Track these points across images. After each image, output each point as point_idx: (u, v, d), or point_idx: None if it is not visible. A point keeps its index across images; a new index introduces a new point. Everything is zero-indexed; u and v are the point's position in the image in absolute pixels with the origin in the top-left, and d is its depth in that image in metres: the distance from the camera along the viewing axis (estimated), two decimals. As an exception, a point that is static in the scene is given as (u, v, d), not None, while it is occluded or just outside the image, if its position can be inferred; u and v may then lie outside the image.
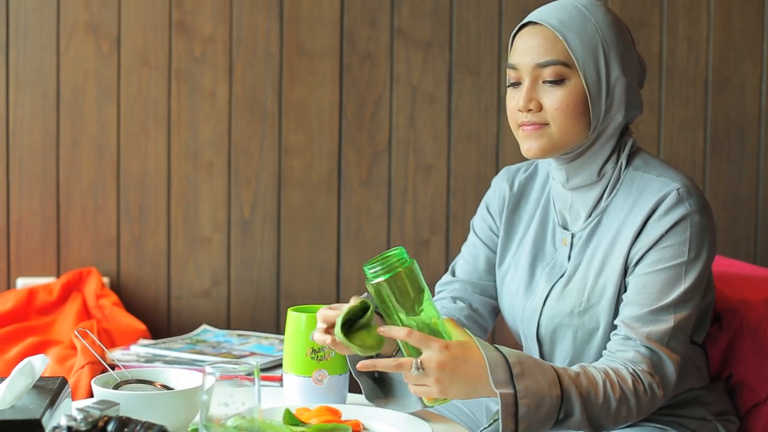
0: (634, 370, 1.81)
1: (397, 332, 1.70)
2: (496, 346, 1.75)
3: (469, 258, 2.12)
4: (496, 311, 2.13)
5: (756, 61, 2.86)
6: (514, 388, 1.71)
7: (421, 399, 1.79)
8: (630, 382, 1.79)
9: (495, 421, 1.78)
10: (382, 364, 1.72)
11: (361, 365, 1.74)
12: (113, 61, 2.79)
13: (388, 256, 1.69)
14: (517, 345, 2.27)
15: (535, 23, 1.89)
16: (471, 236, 2.15)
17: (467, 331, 1.76)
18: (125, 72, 2.79)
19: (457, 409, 2.20)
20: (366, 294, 1.80)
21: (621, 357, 1.83)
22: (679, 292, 1.84)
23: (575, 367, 1.80)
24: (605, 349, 1.90)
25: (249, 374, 1.55)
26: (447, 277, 2.14)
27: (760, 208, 2.88)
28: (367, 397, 1.88)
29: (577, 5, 1.89)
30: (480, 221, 2.13)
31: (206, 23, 2.80)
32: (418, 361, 1.69)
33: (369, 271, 1.69)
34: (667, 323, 1.84)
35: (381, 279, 1.68)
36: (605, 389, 1.77)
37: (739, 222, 2.88)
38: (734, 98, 2.86)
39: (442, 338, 1.72)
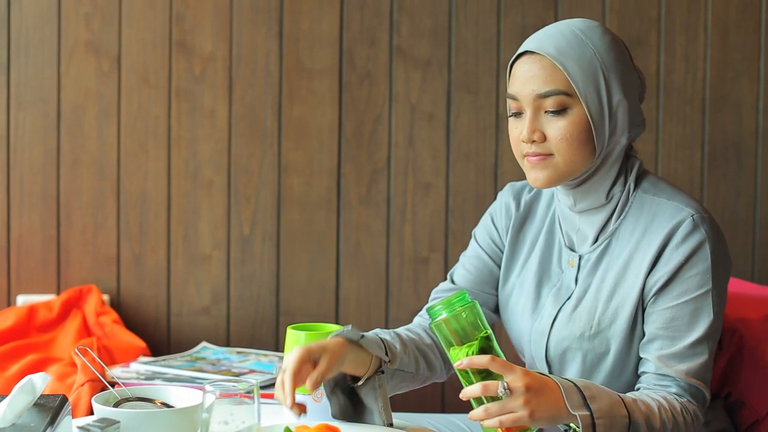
0: (681, 401, 1.83)
1: (479, 360, 1.70)
2: (561, 377, 1.78)
3: (470, 269, 2.10)
4: (491, 323, 2.12)
5: (753, 79, 2.87)
6: (589, 409, 1.72)
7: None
8: (680, 411, 1.81)
9: None
10: (469, 392, 1.70)
11: (461, 395, 1.73)
12: (113, 79, 2.80)
13: (451, 298, 1.74)
14: (519, 363, 2.27)
15: (532, 52, 1.87)
16: (473, 247, 2.12)
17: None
18: (125, 91, 2.81)
19: (456, 426, 2.20)
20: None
21: (665, 391, 1.85)
22: (710, 322, 1.85)
23: (630, 394, 1.82)
24: (620, 376, 1.91)
25: (249, 392, 1.56)
26: (446, 284, 2.11)
27: (758, 226, 2.89)
28: (334, 416, 1.86)
29: (574, 30, 1.87)
30: (483, 232, 2.11)
31: (206, 42, 2.81)
32: (504, 383, 1.69)
33: (431, 311, 1.75)
34: (703, 356, 1.85)
35: (443, 317, 1.73)
36: (661, 415, 1.78)
37: (737, 240, 2.88)
38: (731, 116, 2.87)
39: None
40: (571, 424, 1.74)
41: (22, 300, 2.80)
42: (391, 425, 1.81)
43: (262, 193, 2.84)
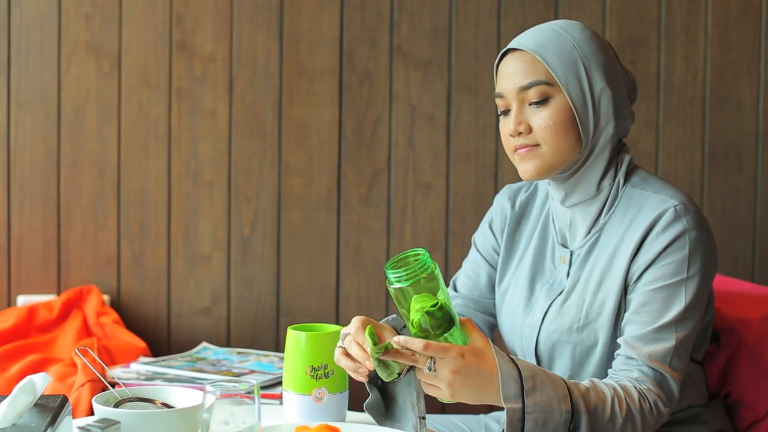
0: (640, 388, 1.82)
1: (414, 345, 1.69)
2: (512, 356, 1.75)
3: (470, 274, 2.14)
4: (494, 328, 2.14)
5: (753, 80, 2.87)
6: (523, 402, 1.72)
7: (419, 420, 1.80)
8: (637, 400, 1.81)
9: None
10: (399, 356, 1.71)
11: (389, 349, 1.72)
12: (114, 80, 2.80)
13: (411, 263, 1.70)
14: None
15: (514, 50, 1.92)
16: (473, 252, 2.16)
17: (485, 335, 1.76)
18: (126, 91, 2.81)
19: (456, 426, 2.20)
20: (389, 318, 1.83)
21: (626, 376, 1.84)
22: (680, 310, 1.85)
23: (586, 382, 1.81)
24: (609, 368, 1.91)
25: (249, 392, 1.56)
26: (449, 291, 2.14)
27: (758, 226, 2.89)
28: (367, 408, 1.87)
29: (553, 27, 1.93)
30: (482, 238, 2.15)
31: (206, 42, 2.81)
32: (432, 361, 1.70)
33: (391, 275, 1.71)
34: (668, 342, 1.85)
35: (401, 285, 1.70)
36: (613, 405, 1.78)
37: (737, 240, 2.89)
38: (732, 117, 2.87)
39: (457, 342, 1.72)
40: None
41: (23, 300, 2.80)
42: (423, 418, 1.80)
43: (263, 193, 2.84)
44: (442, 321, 1.71)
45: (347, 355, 1.78)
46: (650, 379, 1.84)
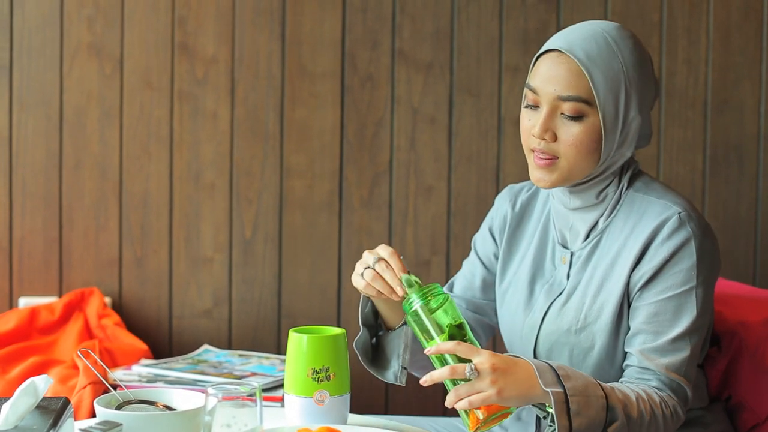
0: (660, 395, 1.83)
1: (445, 346, 1.73)
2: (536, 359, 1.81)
3: (467, 275, 2.14)
4: (490, 330, 2.14)
5: (754, 83, 2.87)
6: (563, 387, 1.73)
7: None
8: (659, 404, 1.82)
9: None
10: (437, 374, 1.74)
11: (423, 381, 1.76)
12: (116, 82, 2.81)
13: (426, 292, 1.79)
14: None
15: (561, 51, 1.86)
16: (472, 253, 2.16)
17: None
18: (128, 93, 2.81)
19: (457, 429, 2.20)
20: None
21: (646, 384, 1.85)
22: (693, 319, 1.86)
23: (608, 384, 1.83)
24: (607, 373, 1.91)
25: (251, 395, 1.56)
26: (445, 288, 2.14)
27: (759, 229, 2.89)
28: (356, 345, 1.93)
29: (606, 37, 1.87)
30: (481, 241, 2.14)
31: (208, 45, 2.82)
32: (472, 364, 1.72)
33: (405, 303, 1.80)
34: (684, 352, 1.86)
35: (418, 305, 1.78)
36: (639, 405, 1.79)
37: (739, 243, 2.89)
38: (733, 120, 2.88)
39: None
40: (548, 406, 1.75)
41: (24, 302, 2.80)
42: (405, 368, 1.88)
43: (264, 195, 2.84)
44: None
45: (380, 277, 1.82)
46: (668, 387, 1.85)
